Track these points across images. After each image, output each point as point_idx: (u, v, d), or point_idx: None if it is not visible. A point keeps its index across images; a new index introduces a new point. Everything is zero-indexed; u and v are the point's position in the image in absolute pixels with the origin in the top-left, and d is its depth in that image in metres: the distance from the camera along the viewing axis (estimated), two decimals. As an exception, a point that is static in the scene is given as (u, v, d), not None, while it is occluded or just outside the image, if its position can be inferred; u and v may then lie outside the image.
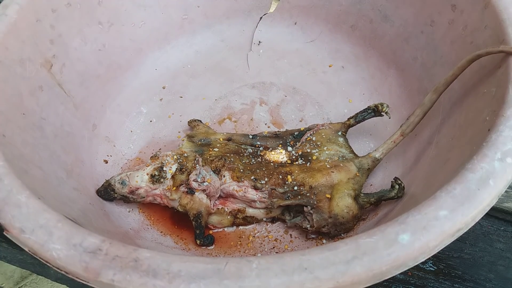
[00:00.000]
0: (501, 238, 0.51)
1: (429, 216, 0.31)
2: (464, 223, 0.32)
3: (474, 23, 0.48)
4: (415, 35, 0.58)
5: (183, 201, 0.48)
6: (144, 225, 0.51)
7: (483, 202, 0.32)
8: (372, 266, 0.29)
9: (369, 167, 0.50)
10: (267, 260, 0.30)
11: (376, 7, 0.63)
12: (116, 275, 0.29)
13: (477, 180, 0.33)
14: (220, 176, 0.49)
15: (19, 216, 0.32)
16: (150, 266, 0.29)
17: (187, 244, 0.49)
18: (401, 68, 0.61)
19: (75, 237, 0.31)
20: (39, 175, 0.42)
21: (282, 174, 0.48)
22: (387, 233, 0.31)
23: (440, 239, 0.31)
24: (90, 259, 0.30)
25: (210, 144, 0.52)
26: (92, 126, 0.57)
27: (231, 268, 0.29)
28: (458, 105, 0.49)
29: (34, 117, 0.46)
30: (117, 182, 0.49)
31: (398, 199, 0.48)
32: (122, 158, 0.57)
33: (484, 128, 0.39)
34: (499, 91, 0.40)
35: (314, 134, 0.53)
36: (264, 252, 0.49)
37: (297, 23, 0.69)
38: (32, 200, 0.33)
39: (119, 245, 0.31)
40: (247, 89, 0.66)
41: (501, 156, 0.34)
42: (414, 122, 0.50)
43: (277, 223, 0.51)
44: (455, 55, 0.51)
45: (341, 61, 0.67)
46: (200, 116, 0.62)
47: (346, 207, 0.47)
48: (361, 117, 0.54)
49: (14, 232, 0.32)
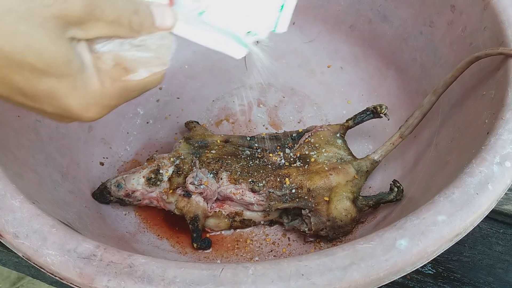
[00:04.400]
0: (500, 240, 0.51)
1: (427, 221, 0.31)
2: (462, 228, 0.31)
3: (474, 24, 0.48)
4: (414, 36, 0.58)
5: (180, 204, 0.47)
6: (140, 228, 0.50)
7: (481, 207, 0.32)
8: (369, 272, 0.29)
9: (367, 169, 0.50)
10: (264, 266, 0.29)
11: (375, 7, 0.62)
12: (111, 281, 0.29)
13: (476, 184, 0.33)
14: (217, 178, 0.48)
15: (13, 221, 0.32)
16: (145, 272, 0.29)
17: (184, 247, 0.49)
18: (400, 69, 0.61)
19: (69, 243, 0.31)
20: (34, 178, 0.41)
21: (280, 176, 0.48)
22: (385, 238, 0.30)
23: (438, 244, 0.31)
24: (84, 265, 0.30)
25: (207, 146, 0.52)
26: (88, 128, 0.56)
27: (227, 274, 0.29)
28: (457, 107, 0.48)
29: (29, 119, 0.46)
30: (113, 185, 0.48)
31: (397, 201, 0.48)
32: (118, 160, 0.57)
33: (483, 131, 0.39)
34: (498, 94, 0.40)
35: (312, 136, 0.52)
36: (262, 255, 0.48)
37: (295, 23, 0.69)
38: (26, 204, 0.33)
39: (113, 251, 0.31)
40: (245, 90, 0.65)
41: (500, 160, 0.34)
42: (413, 124, 0.50)
43: (275, 226, 0.51)
44: (454, 56, 0.51)
45: (339, 62, 0.67)
46: (197, 117, 0.62)
47: (345, 210, 0.46)
48: (360, 119, 0.54)
49: (7, 237, 0.32)
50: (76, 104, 0.27)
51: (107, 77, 0.29)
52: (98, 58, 0.28)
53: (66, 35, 0.26)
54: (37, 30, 0.24)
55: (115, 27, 0.27)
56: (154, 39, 0.30)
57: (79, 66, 0.27)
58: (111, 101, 0.29)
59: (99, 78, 0.28)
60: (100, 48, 0.28)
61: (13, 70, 0.24)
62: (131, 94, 0.31)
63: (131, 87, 0.30)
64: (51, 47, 0.25)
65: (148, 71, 0.31)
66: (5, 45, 0.23)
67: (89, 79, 0.27)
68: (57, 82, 0.26)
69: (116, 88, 0.29)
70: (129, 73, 0.30)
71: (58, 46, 0.25)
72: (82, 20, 0.26)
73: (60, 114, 0.28)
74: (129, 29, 0.28)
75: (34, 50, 0.24)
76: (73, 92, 0.27)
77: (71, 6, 0.25)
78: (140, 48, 0.30)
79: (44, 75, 0.25)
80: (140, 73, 0.30)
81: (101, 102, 0.28)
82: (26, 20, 0.24)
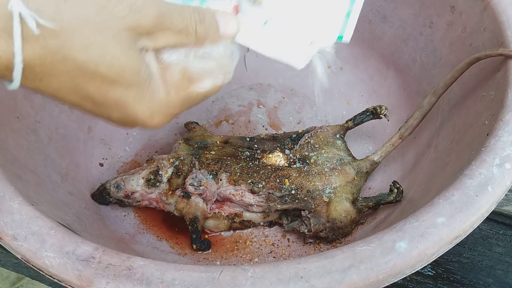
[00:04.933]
0: (500, 242, 0.51)
1: (426, 223, 0.31)
2: (462, 230, 0.31)
3: (473, 25, 0.48)
4: (414, 37, 0.58)
5: (179, 205, 0.47)
6: (139, 229, 0.50)
7: (481, 209, 0.32)
8: (369, 274, 0.29)
9: (367, 170, 0.50)
10: (263, 268, 0.29)
11: (375, 8, 0.62)
12: (109, 284, 0.29)
13: (476, 186, 0.33)
14: (216, 179, 0.48)
15: (11, 223, 0.32)
16: (144, 275, 0.29)
17: (183, 248, 0.49)
18: (400, 70, 0.61)
19: (68, 245, 0.31)
20: (33, 180, 0.41)
21: (279, 177, 0.48)
22: (384, 240, 0.30)
23: (437, 246, 0.31)
24: (83, 267, 0.30)
25: (207, 147, 0.52)
26: (87, 129, 0.56)
27: (226, 276, 0.29)
28: (457, 108, 0.48)
29: (28, 120, 0.46)
30: (113, 186, 0.48)
31: (396, 203, 0.48)
32: (118, 161, 0.57)
33: (483, 132, 0.39)
34: (498, 95, 0.40)
35: (312, 136, 0.52)
36: (261, 256, 0.48)
37: (295, 24, 0.69)
38: (25, 206, 0.33)
39: (112, 253, 0.30)
40: (245, 91, 0.65)
41: (499, 162, 0.34)
42: (413, 125, 0.49)
43: (275, 228, 0.51)
44: (454, 57, 0.50)
45: (339, 62, 0.67)
46: (197, 118, 0.62)
47: (344, 211, 0.46)
48: (360, 120, 0.54)
49: (6, 239, 0.32)
50: (143, 112, 0.28)
51: (172, 86, 0.29)
52: (166, 69, 0.29)
53: (137, 46, 0.26)
54: (111, 42, 0.25)
55: (182, 36, 0.28)
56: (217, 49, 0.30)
57: (147, 76, 0.27)
58: (175, 110, 0.30)
59: (165, 88, 0.29)
60: (167, 58, 0.29)
61: (85, 80, 0.25)
62: (193, 102, 0.32)
63: (194, 96, 0.31)
64: (123, 58, 0.25)
65: (212, 82, 0.31)
66: (80, 56, 0.24)
67: (156, 89, 0.28)
68: (126, 91, 0.26)
69: (180, 97, 0.30)
70: (193, 84, 0.30)
71: (129, 57, 0.26)
72: (152, 31, 0.26)
73: (126, 120, 0.28)
74: (195, 37, 0.29)
75: (107, 61, 0.25)
76: (141, 101, 0.27)
77: (143, 17, 0.25)
78: (204, 59, 0.30)
79: (114, 84, 0.26)
80: (204, 84, 0.31)
81: (165, 110, 0.29)
82: (102, 32, 0.24)
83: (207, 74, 0.30)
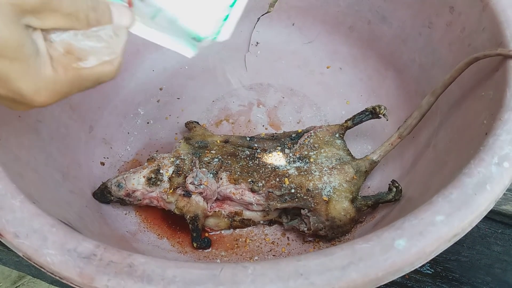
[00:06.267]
0: (498, 240, 0.51)
1: (425, 221, 0.31)
2: (461, 228, 0.31)
3: (472, 25, 0.48)
4: (413, 37, 0.58)
5: (180, 204, 0.48)
6: (140, 228, 0.50)
7: (480, 207, 0.32)
8: (368, 271, 0.29)
9: (366, 169, 0.50)
10: (263, 265, 0.29)
11: (374, 8, 0.62)
12: (111, 281, 0.29)
13: (474, 185, 0.33)
14: (217, 178, 0.49)
15: (13, 220, 0.32)
16: (145, 272, 0.29)
17: (184, 247, 0.49)
18: (399, 70, 0.61)
19: (69, 242, 0.31)
20: (34, 178, 0.41)
21: (279, 176, 0.48)
22: (383, 238, 0.31)
23: (436, 244, 0.31)
24: (84, 264, 0.30)
25: (207, 146, 0.52)
26: (88, 128, 0.56)
27: (226, 274, 0.29)
28: (456, 108, 0.48)
29: (30, 120, 0.46)
30: (114, 185, 0.49)
31: (395, 201, 0.48)
32: (119, 160, 0.57)
33: (481, 132, 0.39)
34: (497, 94, 0.40)
35: (311, 136, 0.52)
36: (261, 255, 0.49)
37: (294, 24, 0.69)
38: (27, 204, 0.33)
39: (113, 250, 0.31)
40: (245, 91, 0.66)
41: (498, 161, 0.34)
42: (412, 124, 0.50)
43: (274, 226, 0.51)
44: (453, 57, 0.51)
45: (339, 63, 0.67)
46: (197, 117, 0.62)
47: (344, 210, 0.46)
48: (359, 119, 0.54)
49: (8, 236, 0.32)
50: (27, 87, 0.28)
51: (59, 64, 0.30)
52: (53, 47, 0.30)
53: (21, 21, 0.27)
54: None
55: (72, 20, 0.29)
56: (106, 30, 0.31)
57: (33, 51, 0.28)
58: (63, 88, 0.30)
59: (51, 65, 0.29)
60: (55, 38, 0.30)
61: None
62: (84, 84, 0.32)
63: (84, 76, 0.31)
64: (5, 30, 0.25)
65: (98, 59, 0.32)
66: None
67: (42, 65, 0.29)
68: (10, 64, 0.27)
69: (68, 76, 0.30)
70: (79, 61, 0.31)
71: (12, 31, 0.26)
72: (38, 10, 0.27)
73: (12, 97, 0.29)
74: (86, 23, 0.30)
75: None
76: (25, 76, 0.28)
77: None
78: (92, 39, 0.31)
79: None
80: (90, 61, 0.31)
81: (52, 87, 0.29)
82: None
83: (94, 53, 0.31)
